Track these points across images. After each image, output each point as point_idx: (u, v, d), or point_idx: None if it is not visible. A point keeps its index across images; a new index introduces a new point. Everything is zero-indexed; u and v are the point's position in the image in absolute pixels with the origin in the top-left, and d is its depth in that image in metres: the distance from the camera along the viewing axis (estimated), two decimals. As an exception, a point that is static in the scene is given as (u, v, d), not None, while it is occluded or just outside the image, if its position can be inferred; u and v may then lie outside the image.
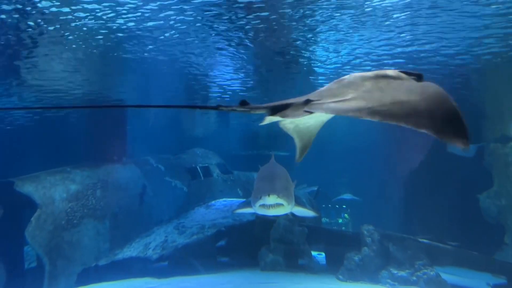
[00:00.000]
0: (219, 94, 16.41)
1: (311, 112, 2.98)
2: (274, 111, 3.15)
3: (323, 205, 22.63)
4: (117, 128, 17.13)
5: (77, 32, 9.61)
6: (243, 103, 3.08)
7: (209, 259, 13.52)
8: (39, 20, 8.88)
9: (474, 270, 11.44)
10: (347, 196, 22.55)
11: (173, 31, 9.92)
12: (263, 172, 7.58)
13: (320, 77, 14.45)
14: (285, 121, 3.57)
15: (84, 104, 16.67)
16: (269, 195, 6.36)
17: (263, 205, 6.51)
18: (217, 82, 15.01)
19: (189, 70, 13.18)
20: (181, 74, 13.55)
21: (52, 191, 13.38)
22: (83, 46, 10.49)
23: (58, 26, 9.21)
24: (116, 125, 17.40)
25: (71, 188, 13.86)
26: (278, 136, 24.83)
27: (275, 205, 6.50)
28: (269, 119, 3.28)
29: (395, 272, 11.70)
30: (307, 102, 3.01)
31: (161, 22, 9.32)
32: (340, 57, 12.37)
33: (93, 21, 9.05)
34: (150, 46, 10.88)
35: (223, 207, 16.09)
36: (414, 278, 11.22)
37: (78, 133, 17.59)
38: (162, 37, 10.25)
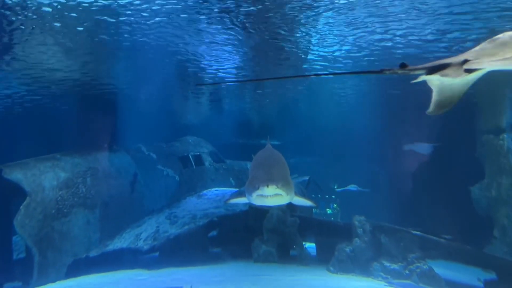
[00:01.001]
0: (211, 77, 16.14)
1: (471, 71, 3.28)
2: (432, 71, 3.45)
3: (313, 195, 22.65)
4: (108, 115, 16.83)
5: (64, 14, 9.32)
6: (403, 65, 3.38)
7: (201, 250, 13.46)
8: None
9: (465, 264, 11.48)
10: (352, 187, 22.49)
11: (163, 14, 9.68)
12: (259, 159, 7.11)
13: (312, 62, 14.27)
14: (433, 78, 3.74)
15: (72, 89, 16.26)
16: (268, 186, 5.94)
17: (261, 196, 6.11)
18: (209, 66, 14.74)
19: (181, 54, 12.89)
20: (172, 58, 13.27)
21: (42, 179, 13.10)
22: (68, 28, 10.17)
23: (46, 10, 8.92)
24: (107, 112, 17.09)
25: (61, 175, 13.60)
26: (271, 125, 24.85)
27: (274, 195, 6.10)
28: (423, 78, 3.57)
29: (388, 264, 11.70)
30: (465, 62, 3.30)
31: (150, 4, 9.08)
32: (335, 43, 12.21)
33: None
34: (142, 31, 10.64)
35: (215, 197, 16.00)
36: (407, 271, 11.23)
37: (67, 120, 17.25)
38: (152, 20, 10.00)
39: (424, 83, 3.71)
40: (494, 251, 14.70)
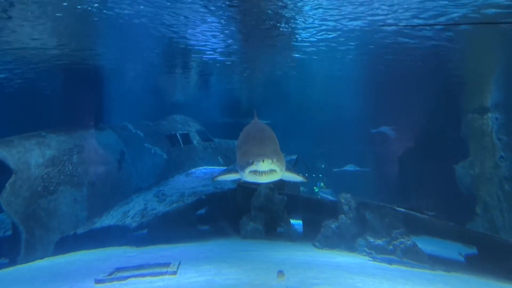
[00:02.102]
0: (199, 58, 16.00)
1: None
2: None
3: (300, 174, 22.80)
4: (93, 93, 16.60)
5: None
6: None
7: (189, 227, 13.54)
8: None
9: (448, 239, 11.75)
10: (350, 167, 22.73)
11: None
12: (249, 133, 6.77)
13: (302, 44, 14.18)
14: None
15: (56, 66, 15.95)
16: (263, 161, 5.63)
17: (255, 172, 5.81)
18: (197, 47, 14.59)
19: (169, 33, 12.72)
20: (160, 37, 13.09)
21: (28, 156, 12.92)
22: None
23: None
24: (92, 90, 16.86)
25: (46, 153, 13.42)
26: (259, 103, 24.80)
27: (268, 172, 5.81)
28: None
29: (372, 240, 11.94)
30: None
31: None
32: (322, 25, 12.12)
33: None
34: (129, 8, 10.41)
35: (203, 175, 16.02)
36: (391, 247, 11.46)
37: (52, 97, 16.99)
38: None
39: None
40: (476, 227, 15.12)
